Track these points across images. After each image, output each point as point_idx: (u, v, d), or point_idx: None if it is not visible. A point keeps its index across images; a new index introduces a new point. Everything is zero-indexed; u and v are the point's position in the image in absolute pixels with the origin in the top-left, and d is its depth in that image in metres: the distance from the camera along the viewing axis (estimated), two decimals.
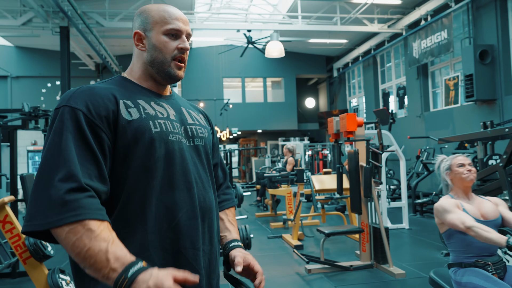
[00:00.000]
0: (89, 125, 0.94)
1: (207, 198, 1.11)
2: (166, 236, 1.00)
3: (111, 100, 1.01)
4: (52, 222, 0.85)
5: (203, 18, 12.01)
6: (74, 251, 0.86)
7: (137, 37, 1.11)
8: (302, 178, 5.85)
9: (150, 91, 1.13)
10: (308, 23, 11.80)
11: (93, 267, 0.85)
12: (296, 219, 5.45)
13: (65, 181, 0.87)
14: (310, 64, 17.43)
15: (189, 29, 1.13)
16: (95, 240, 0.85)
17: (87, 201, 0.88)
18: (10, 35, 12.40)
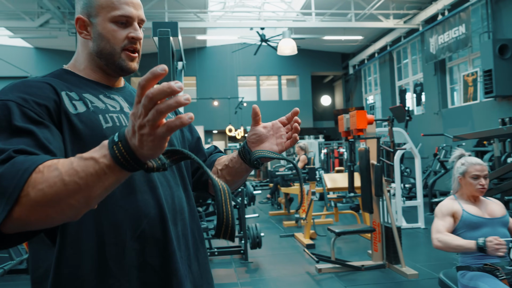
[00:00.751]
0: (25, 115, 0.78)
1: (175, 198, 0.96)
2: (130, 247, 0.85)
3: (51, 90, 0.85)
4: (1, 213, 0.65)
5: (217, 16, 12.03)
6: (52, 198, 0.64)
7: (79, 24, 0.95)
8: (314, 177, 5.80)
9: (98, 83, 0.98)
10: (322, 20, 11.69)
11: (84, 182, 0.64)
12: (308, 217, 5.40)
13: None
14: (325, 62, 17.28)
15: (142, 15, 0.97)
16: (61, 166, 0.65)
17: (28, 157, 0.69)
18: (28, 37, 12.68)
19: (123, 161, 0.62)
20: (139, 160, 0.63)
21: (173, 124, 0.59)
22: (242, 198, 4.84)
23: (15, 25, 10.77)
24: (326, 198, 5.90)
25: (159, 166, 0.67)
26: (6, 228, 0.66)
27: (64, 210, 0.66)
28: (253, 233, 4.58)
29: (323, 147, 12.68)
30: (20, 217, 0.65)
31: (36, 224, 0.68)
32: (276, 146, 0.98)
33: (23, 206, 0.64)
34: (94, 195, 0.65)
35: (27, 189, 0.64)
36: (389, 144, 5.13)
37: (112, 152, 0.63)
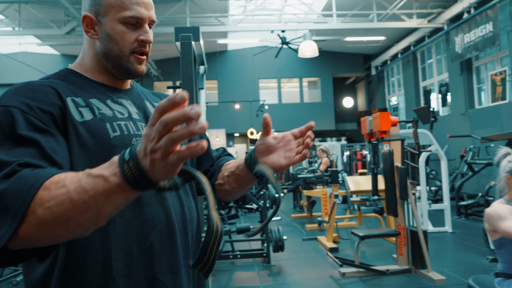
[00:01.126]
0: (29, 123, 0.74)
1: (185, 208, 0.92)
2: (138, 261, 0.82)
3: (56, 95, 0.81)
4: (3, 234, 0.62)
5: (238, 20, 12.09)
6: (60, 217, 0.62)
7: (86, 22, 0.90)
8: (336, 179, 5.73)
9: (105, 85, 0.93)
10: (343, 21, 11.59)
11: (93, 200, 0.61)
12: (330, 221, 5.34)
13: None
14: (347, 63, 17.11)
15: (153, 15, 0.91)
16: (69, 182, 0.63)
17: (34, 172, 0.66)
18: (56, 44, 13.07)
19: (133, 181, 0.60)
20: (151, 181, 0.61)
21: (183, 155, 0.57)
22: (264, 201, 4.83)
23: (43, 33, 11.12)
24: (349, 201, 5.82)
25: (171, 186, 0.67)
26: (12, 245, 0.64)
27: (73, 229, 0.64)
28: (275, 236, 4.56)
29: (345, 150, 12.54)
30: (26, 236, 0.63)
31: (43, 241, 0.66)
32: (283, 159, 0.93)
33: (29, 224, 0.62)
34: (104, 214, 0.63)
35: (34, 206, 0.62)
36: (414, 146, 5.02)
37: (122, 171, 0.60)
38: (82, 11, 0.92)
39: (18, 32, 11.10)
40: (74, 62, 0.96)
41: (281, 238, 4.56)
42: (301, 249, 5.40)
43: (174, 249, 0.87)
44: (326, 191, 6.32)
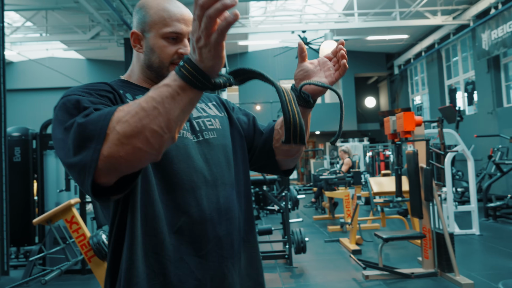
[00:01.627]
0: (91, 102, 0.83)
1: (221, 197, 0.97)
2: (168, 242, 0.89)
3: (109, 87, 0.93)
4: (90, 158, 0.70)
5: (258, 21, 12.11)
6: (136, 126, 0.69)
7: (134, 38, 1.01)
8: (359, 181, 5.66)
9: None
10: (365, 20, 11.45)
11: (161, 105, 0.69)
12: (353, 222, 5.27)
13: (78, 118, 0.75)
14: (369, 62, 16.89)
15: None
16: (139, 99, 0.72)
17: (106, 108, 0.76)
18: (81, 49, 13.42)
19: (191, 77, 0.69)
20: (205, 74, 0.69)
21: (221, 26, 0.64)
22: (286, 202, 4.82)
23: (69, 39, 11.44)
24: (372, 202, 5.74)
25: (225, 82, 0.73)
26: (100, 172, 0.71)
27: (149, 139, 0.70)
28: (297, 237, 4.54)
29: (368, 150, 12.37)
30: (110, 154, 0.69)
31: (126, 160, 0.71)
32: (325, 78, 0.97)
33: (111, 142, 0.69)
34: (173, 117, 0.70)
35: (113, 125, 0.70)
36: (439, 146, 4.90)
37: (180, 74, 0.69)
38: (132, 28, 1.04)
39: (45, 38, 11.46)
40: (125, 74, 1.07)
41: (303, 240, 4.54)
42: (323, 251, 5.35)
43: (202, 235, 0.92)
44: (348, 193, 6.25)
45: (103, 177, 0.72)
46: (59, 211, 3.17)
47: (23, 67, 15.86)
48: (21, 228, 5.11)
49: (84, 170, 0.71)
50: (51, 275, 2.90)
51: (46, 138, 5.08)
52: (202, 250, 0.93)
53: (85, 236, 3.28)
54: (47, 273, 3.17)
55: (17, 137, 5.15)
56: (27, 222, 5.13)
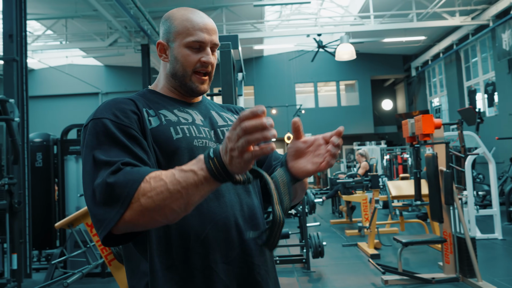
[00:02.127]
0: (119, 129, 0.89)
1: (245, 205, 0.99)
2: (195, 251, 0.91)
3: (135, 106, 0.96)
4: (111, 217, 0.78)
5: (273, 25, 12.14)
6: (159, 204, 0.76)
7: (160, 48, 1.05)
8: (377, 184, 5.59)
9: (176, 99, 1.06)
10: (381, 22, 11.36)
11: (185, 190, 0.76)
12: (371, 226, 5.21)
13: (103, 172, 0.81)
14: (386, 65, 16.72)
15: (215, 39, 1.04)
16: (165, 176, 0.78)
17: (135, 169, 0.81)
18: (99, 56, 13.67)
19: (217, 174, 0.75)
20: (230, 174, 0.75)
21: (256, 153, 0.71)
22: (303, 206, 4.79)
23: (88, 46, 11.69)
24: (390, 206, 5.66)
25: (245, 180, 0.80)
26: (116, 229, 0.80)
27: (167, 214, 0.79)
28: (315, 242, 4.51)
29: (385, 153, 12.22)
30: (130, 220, 0.79)
31: (142, 226, 0.81)
32: (310, 165, 0.92)
33: (134, 211, 0.78)
34: (192, 201, 0.78)
35: (138, 196, 0.77)
36: (459, 149, 4.81)
37: (208, 166, 0.75)
38: (159, 39, 1.07)
39: (65, 45, 11.73)
40: (153, 84, 1.11)
41: (320, 244, 4.51)
42: (341, 255, 5.31)
43: (228, 242, 0.94)
44: (366, 196, 6.18)
45: (118, 232, 0.81)
46: (80, 215, 3.22)
47: (44, 74, 16.24)
48: (43, 231, 5.22)
49: (103, 224, 0.80)
50: (73, 278, 2.96)
51: (67, 144, 5.19)
52: (229, 257, 0.94)
53: None
54: (69, 276, 3.22)
55: (38, 142, 5.28)
56: (49, 226, 5.23)
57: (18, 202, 4.25)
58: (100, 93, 16.52)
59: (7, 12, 4.95)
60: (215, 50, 1.05)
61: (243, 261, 0.96)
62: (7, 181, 4.16)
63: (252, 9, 10.75)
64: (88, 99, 16.57)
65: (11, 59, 4.86)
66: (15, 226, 4.25)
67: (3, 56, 4.92)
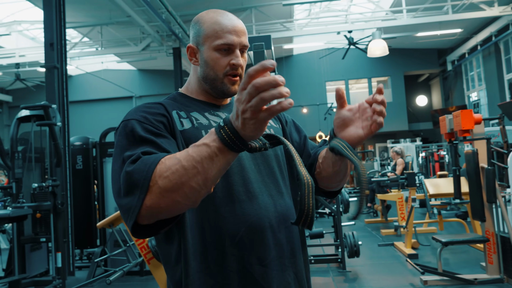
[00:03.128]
0: (145, 128, 0.90)
1: (278, 206, 0.98)
2: (230, 253, 0.91)
3: (164, 109, 0.97)
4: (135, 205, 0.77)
5: (303, 24, 12.07)
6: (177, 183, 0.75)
7: (190, 51, 1.05)
8: (413, 182, 5.45)
9: (206, 102, 1.07)
10: (414, 16, 11.04)
11: (200, 165, 0.74)
12: (408, 226, 5.08)
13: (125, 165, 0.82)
14: (420, 59, 16.24)
15: (244, 41, 1.02)
16: (179, 155, 0.77)
17: (152, 155, 0.81)
18: (133, 60, 14.04)
19: (229, 142, 0.72)
20: (243, 140, 0.72)
21: (274, 109, 0.66)
22: (337, 205, 4.75)
23: (122, 51, 12.02)
24: (428, 205, 5.51)
25: (261, 146, 0.76)
26: (142, 217, 0.79)
27: (187, 193, 0.76)
28: (350, 241, 4.46)
29: (421, 151, 11.88)
30: (152, 205, 0.77)
31: (165, 210, 0.78)
32: (361, 129, 0.92)
33: (154, 194, 0.76)
34: (210, 176, 0.75)
35: (155, 179, 0.76)
36: (501, 144, 4.62)
37: (220, 135, 0.72)
38: (189, 42, 1.08)
39: (100, 51, 12.12)
40: (183, 87, 1.12)
41: (356, 244, 4.45)
42: (377, 255, 5.21)
43: (263, 244, 0.93)
44: (402, 195, 6.04)
45: (145, 220, 0.80)
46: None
47: (81, 80, 16.86)
48: (84, 231, 5.42)
49: (129, 213, 0.79)
50: (115, 275, 3.06)
51: (105, 147, 5.37)
52: (265, 259, 0.93)
53: (144, 239, 3.42)
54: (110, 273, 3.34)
55: (79, 146, 5.49)
56: (89, 226, 5.44)
57: (61, 203, 4.44)
58: (134, 97, 16.97)
59: (48, 22, 5.18)
60: (244, 51, 1.04)
61: (278, 263, 0.95)
62: (51, 183, 4.36)
63: (281, 9, 10.73)
64: (123, 103, 17.07)
65: (52, 67, 5.08)
66: (58, 226, 4.45)
67: (45, 64, 5.15)
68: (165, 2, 8.63)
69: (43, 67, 5.32)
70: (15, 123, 4.73)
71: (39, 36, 13.09)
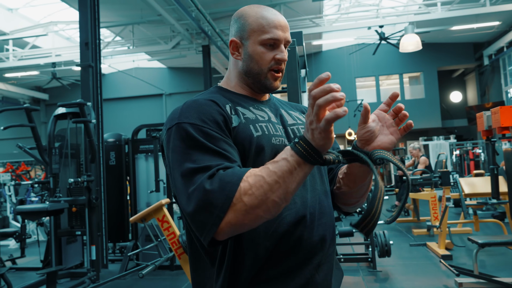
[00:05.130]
0: (205, 133, 0.88)
1: (315, 203, 0.99)
2: (262, 244, 0.91)
3: (216, 105, 0.96)
4: (212, 222, 0.79)
5: (332, 20, 11.91)
6: (261, 199, 0.78)
7: (233, 46, 1.04)
8: (448, 181, 5.28)
9: (247, 97, 1.06)
10: (449, 9, 10.68)
11: (282, 179, 0.78)
12: (442, 226, 4.93)
13: (198, 178, 0.81)
14: (454, 54, 15.70)
15: (288, 36, 1.03)
16: (260, 171, 0.80)
17: (228, 172, 0.81)
18: (163, 58, 14.29)
19: (306, 154, 0.78)
20: (318, 151, 0.77)
21: (329, 117, 0.73)
22: (367, 204, 4.66)
23: (153, 49, 12.24)
24: (463, 204, 5.32)
25: (335, 159, 0.80)
26: (221, 234, 0.80)
27: (270, 208, 0.79)
28: (381, 240, 4.37)
29: (455, 149, 11.51)
30: (236, 222, 0.79)
31: (248, 226, 0.81)
32: (391, 135, 0.92)
33: (238, 212, 0.79)
34: (290, 189, 0.80)
35: (240, 197, 0.78)
36: None
37: (296, 150, 0.78)
38: (229, 37, 1.07)
39: (132, 50, 12.39)
40: (222, 81, 1.12)
41: (387, 243, 4.36)
42: (409, 255, 5.09)
43: (299, 240, 0.94)
44: (435, 194, 5.86)
45: (224, 236, 0.82)
46: (152, 211, 3.39)
47: (113, 78, 17.32)
48: (117, 225, 5.58)
49: (204, 230, 0.80)
50: (147, 269, 3.13)
51: (137, 143, 5.49)
52: (298, 255, 0.93)
53: (175, 234, 3.47)
54: (142, 267, 3.41)
55: (112, 142, 5.64)
56: (122, 220, 5.58)
57: (95, 198, 4.58)
58: (164, 94, 17.27)
59: (83, 22, 5.33)
60: (287, 47, 1.04)
61: (314, 260, 0.96)
62: (86, 178, 4.50)
63: (311, 4, 10.61)
64: (153, 100, 17.41)
65: (87, 65, 5.23)
66: (93, 220, 4.59)
67: (80, 62, 5.31)
68: (195, 0, 8.72)
69: (78, 66, 5.49)
70: (52, 120, 4.91)
71: (74, 36, 13.53)
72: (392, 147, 0.92)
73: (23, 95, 16.83)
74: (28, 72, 14.12)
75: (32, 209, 4.25)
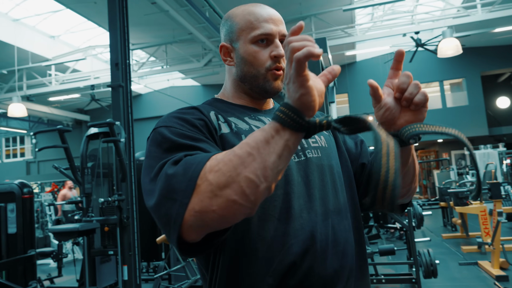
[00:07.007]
0: (180, 135, 0.78)
1: (328, 227, 0.81)
2: (267, 283, 0.77)
3: (198, 112, 0.87)
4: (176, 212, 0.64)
5: (365, 29, 11.64)
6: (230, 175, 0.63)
7: (223, 51, 0.94)
8: (498, 193, 4.85)
9: (245, 107, 0.95)
10: (490, 10, 10.12)
11: (256, 150, 0.63)
12: (495, 243, 4.50)
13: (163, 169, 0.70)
14: (498, 58, 14.88)
15: (283, 30, 0.90)
16: (234, 147, 0.67)
17: (198, 154, 0.70)
18: (196, 76, 14.51)
19: (282, 116, 0.63)
20: (296, 109, 0.63)
21: (299, 55, 0.60)
22: (409, 220, 4.34)
23: (186, 68, 12.44)
24: None
25: (322, 121, 0.65)
26: (187, 228, 0.65)
27: (244, 189, 0.62)
28: (425, 259, 4.03)
29: (504, 157, 10.76)
30: (202, 208, 0.63)
31: (219, 215, 0.63)
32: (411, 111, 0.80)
33: (203, 194, 0.63)
34: (269, 164, 0.63)
35: (204, 174, 0.64)
36: None
37: (275, 117, 0.65)
38: (221, 42, 0.97)
39: (166, 69, 12.66)
40: (219, 93, 1.02)
41: (432, 262, 4.01)
42: (458, 275, 4.67)
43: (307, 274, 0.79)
44: (484, 207, 5.41)
45: (192, 233, 0.66)
46: None
47: (150, 98, 17.78)
48: (149, 244, 5.53)
49: (169, 224, 0.66)
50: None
51: None
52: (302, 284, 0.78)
53: None
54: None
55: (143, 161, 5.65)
56: (154, 239, 5.53)
57: (126, 217, 4.55)
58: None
59: (113, 44, 5.43)
60: (283, 42, 0.90)
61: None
62: (117, 197, 4.49)
63: (342, 14, 10.41)
64: None
65: (117, 85, 5.30)
66: (124, 239, 4.55)
67: (111, 83, 5.39)
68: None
69: (109, 86, 5.58)
70: (84, 141, 4.98)
71: None
72: (423, 117, 0.77)
73: (66, 117, 17.59)
74: (69, 95, 14.73)
75: (64, 230, 4.27)
